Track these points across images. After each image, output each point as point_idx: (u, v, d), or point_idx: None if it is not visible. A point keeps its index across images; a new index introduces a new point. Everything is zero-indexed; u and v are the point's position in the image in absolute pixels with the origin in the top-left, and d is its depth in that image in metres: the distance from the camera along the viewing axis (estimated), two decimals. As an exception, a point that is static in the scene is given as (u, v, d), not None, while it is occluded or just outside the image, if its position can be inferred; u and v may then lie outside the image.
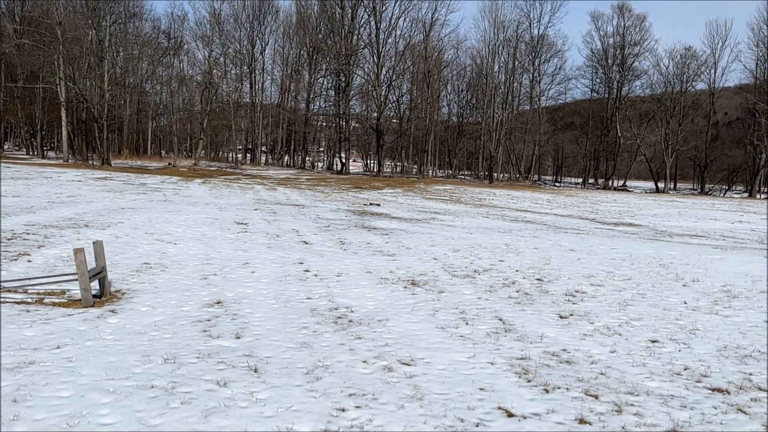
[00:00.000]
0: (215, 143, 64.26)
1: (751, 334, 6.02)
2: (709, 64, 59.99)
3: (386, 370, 4.58)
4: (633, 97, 61.51)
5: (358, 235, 12.58)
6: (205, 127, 51.96)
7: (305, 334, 5.38)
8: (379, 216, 17.57)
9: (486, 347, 5.25)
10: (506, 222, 18.11)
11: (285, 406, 3.82)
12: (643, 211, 26.67)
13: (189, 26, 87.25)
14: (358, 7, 54.38)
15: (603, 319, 6.41)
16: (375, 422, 3.65)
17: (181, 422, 3.53)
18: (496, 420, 3.77)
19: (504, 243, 12.32)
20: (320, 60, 58.75)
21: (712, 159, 60.85)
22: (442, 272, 8.68)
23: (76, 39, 38.86)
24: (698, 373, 4.79)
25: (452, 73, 61.56)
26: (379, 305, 6.60)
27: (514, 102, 59.42)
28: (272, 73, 64.49)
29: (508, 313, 6.51)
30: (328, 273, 8.24)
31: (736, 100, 61.99)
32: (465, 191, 35.83)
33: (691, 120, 60.84)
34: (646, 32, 60.58)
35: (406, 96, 58.86)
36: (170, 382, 4.12)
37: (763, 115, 53.29)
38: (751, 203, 40.05)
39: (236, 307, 6.23)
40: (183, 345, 4.94)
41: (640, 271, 9.45)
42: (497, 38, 57.10)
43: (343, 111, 54.05)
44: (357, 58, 55.10)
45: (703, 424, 3.84)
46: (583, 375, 4.64)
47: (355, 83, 55.51)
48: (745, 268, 10.29)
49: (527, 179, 59.62)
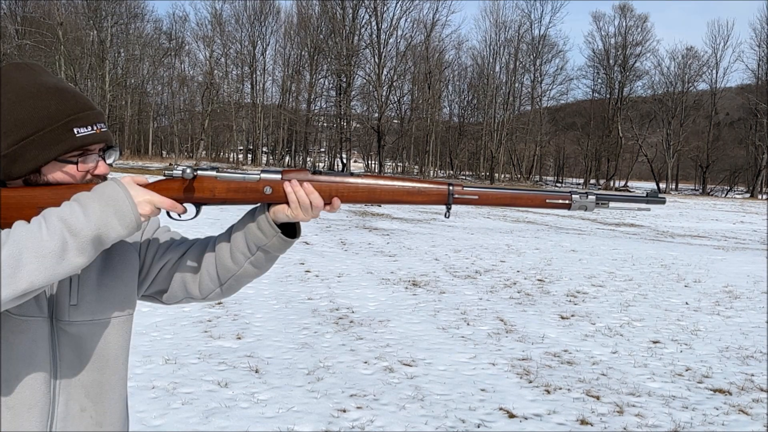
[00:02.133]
0: (216, 144, 64.28)
1: (752, 335, 6.02)
2: (711, 64, 59.96)
3: (387, 370, 4.57)
4: (634, 97, 61.45)
5: (359, 235, 12.59)
6: (206, 127, 52.03)
7: (306, 335, 5.38)
8: (380, 216, 17.58)
9: (487, 348, 5.25)
10: (507, 222, 18.11)
11: (286, 406, 3.82)
12: (645, 212, 26.61)
13: (190, 27, 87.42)
14: (359, 7, 54.40)
15: (604, 319, 6.40)
16: (376, 423, 3.65)
17: (182, 423, 3.53)
18: (498, 421, 3.77)
19: (505, 243, 12.32)
20: (321, 60, 58.77)
21: (714, 159, 60.75)
22: (444, 273, 8.68)
23: (78, 40, 38.95)
24: (700, 374, 4.78)
25: (453, 73, 61.57)
26: (381, 306, 6.60)
27: (516, 102, 59.43)
28: (273, 74, 64.60)
29: (510, 313, 6.50)
30: (329, 273, 8.23)
31: (738, 100, 61.86)
32: (466, 192, 35.77)
33: (693, 120, 60.79)
34: (647, 32, 60.57)
35: (407, 96, 58.90)
36: (171, 382, 4.12)
37: (765, 116, 53.24)
38: (753, 204, 40.01)
39: (237, 307, 6.23)
40: (184, 345, 4.94)
41: (641, 272, 9.44)
42: (498, 39, 57.16)
43: (344, 111, 54.06)
44: (358, 59, 55.13)
45: (704, 425, 3.83)
46: (584, 376, 4.64)
47: (356, 84, 55.55)
48: (747, 268, 10.27)
49: (529, 180, 59.61)
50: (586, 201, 1.24)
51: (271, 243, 1.21)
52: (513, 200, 1.25)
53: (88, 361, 1.18)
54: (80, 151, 1.13)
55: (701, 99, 61.63)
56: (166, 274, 1.31)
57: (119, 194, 1.04)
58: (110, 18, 42.26)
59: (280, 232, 1.20)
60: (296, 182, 1.16)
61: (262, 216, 1.20)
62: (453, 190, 1.21)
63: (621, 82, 60.50)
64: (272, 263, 1.29)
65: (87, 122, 1.13)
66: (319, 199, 1.16)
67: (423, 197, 1.21)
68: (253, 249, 1.23)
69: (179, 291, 1.32)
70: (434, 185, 1.22)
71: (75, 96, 1.14)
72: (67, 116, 1.11)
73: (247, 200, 1.19)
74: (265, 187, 1.17)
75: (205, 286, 1.30)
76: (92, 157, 1.16)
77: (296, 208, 1.16)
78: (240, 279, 1.29)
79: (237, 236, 1.24)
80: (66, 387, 1.16)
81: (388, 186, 1.21)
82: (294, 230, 1.25)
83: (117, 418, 1.25)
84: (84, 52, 39.12)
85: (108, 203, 1.03)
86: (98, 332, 1.19)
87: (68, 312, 1.15)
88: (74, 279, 1.16)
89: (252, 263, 1.25)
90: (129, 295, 1.25)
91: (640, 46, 60.26)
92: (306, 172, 1.19)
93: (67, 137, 1.10)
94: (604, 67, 62.35)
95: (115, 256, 1.24)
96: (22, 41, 40.27)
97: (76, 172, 1.13)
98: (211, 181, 1.17)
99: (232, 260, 1.25)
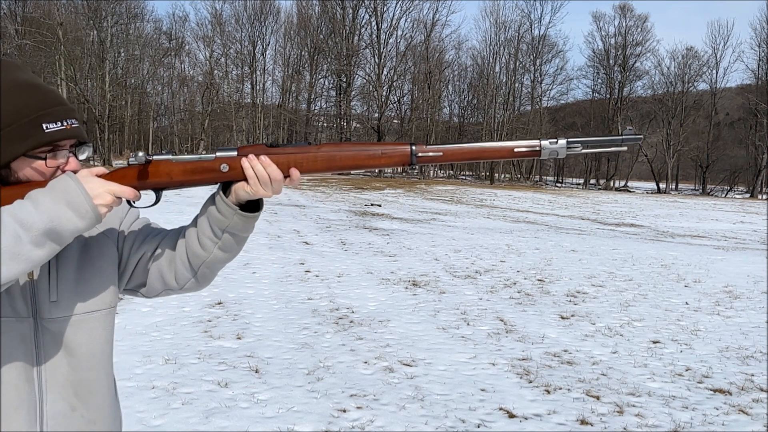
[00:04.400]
0: (216, 144, 64.21)
1: (752, 335, 6.02)
2: (711, 64, 59.94)
3: (387, 370, 4.57)
4: (635, 97, 61.44)
5: (359, 235, 12.59)
6: (206, 127, 52.03)
7: (306, 335, 5.38)
8: (380, 216, 17.57)
9: (487, 348, 5.25)
10: (507, 222, 18.10)
11: (286, 406, 3.82)
12: (645, 212, 26.65)
13: (190, 27, 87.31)
14: (359, 7, 54.40)
15: (604, 319, 6.40)
16: (376, 423, 3.65)
17: (183, 423, 3.53)
18: (498, 421, 3.77)
19: (505, 243, 12.32)
20: (321, 60, 58.78)
21: (714, 159, 60.73)
22: (444, 273, 8.68)
23: (78, 40, 38.95)
24: (700, 374, 4.79)
25: (453, 73, 61.52)
26: (380, 306, 6.60)
27: (516, 102, 59.42)
28: (273, 74, 64.65)
29: (510, 313, 6.51)
30: (329, 273, 8.24)
31: (738, 100, 61.85)
32: (466, 192, 35.83)
33: (693, 120, 60.76)
34: (647, 32, 60.51)
35: (407, 96, 58.87)
36: (171, 382, 4.13)
37: (765, 116, 53.22)
38: (753, 204, 40.01)
39: (237, 307, 6.23)
40: (184, 345, 4.94)
41: (641, 272, 9.44)
42: (498, 39, 57.12)
43: (344, 111, 54.09)
44: (358, 59, 55.13)
45: (704, 425, 3.83)
46: (584, 376, 4.64)
47: (356, 84, 55.56)
48: (747, 268, 10.27)
49: (529, 180, 59.62)
50: (557, 146, 1.21)
51: (233, 223, 1.20)
52: (480, 153, 1.22)
53: (73, 358, 1.18)
54: (50, 147, 1.12)
55: (701, 99, 61.60)
56: (143, 266, 1.30)
57: (69, 185, 1.03)
58: (110, 18, 42.25)
59: (239, 210, 1.19)
60: (252, 157, 1.14)
61: (218, 197, 1.19)
62: (415, 150, 1.19)
63: (621, 82, 60.48)
64: (242, 245, 1.27)
65: (57, 118, 1.12)
66: (276, 171, 1.15)
67: (386, 159, 1.19)
68: (218, 233, 1.22)
69: (157, 282, 1.31)
70: (396, 146, 1.20)
71: (46, 92, 1.13)
72: (36, 112, 1.10)
73: (205, 180, 1.18)
74: (222, 165, 1.16)
75: (180, 275, 1.29)
76: (62, 153, 1.15)
77: (255, 184, 1.14)
78: (212, 265, 1.27)
79: (201, 221, 1.23)
80: (53, 386, 1.16)
81: (349, 152, 1.19)
82: (258, 206, 1.23)
83: (108, 414, 1.25)
84: (84, 52, 39.11)
85: (59, 195, 1.01)
86: (81, 328, 1.19)
87: (49, 309, 1.15)
88: (53, 275, 1.17)
89: (220, 248, 1.24)
90: (109, 289, 1.25)
91: (640, 46, 60.27)
92: (262, 146, 1.17)
93: (35, 133, 1.09)
94: (604, 67, 62.34)
95: (93, 250, 1.24)
96: (22, 41, 40.25)
97: (45, 168, 1.13)
98: (167, 165, 1.16)
99: (201, 246, 1.24)
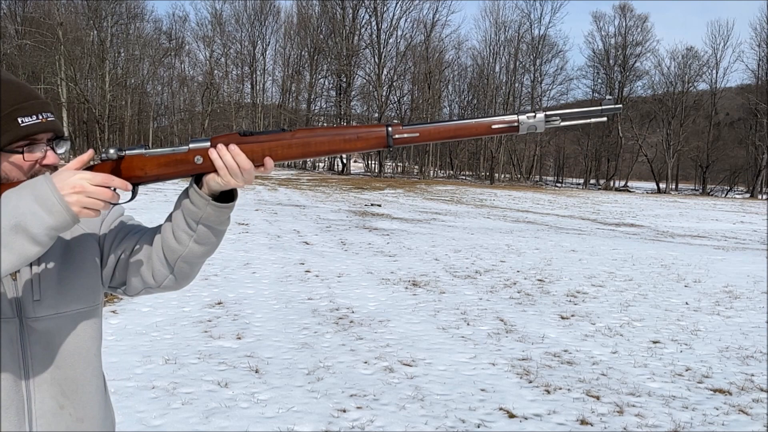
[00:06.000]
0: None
1: (752, 335, 6.02)
2: (711, 64, 59.96)
3: (387, 370, 4.58)
4: (635, 97, 61.44)
5: (359, 235, 12.59)
6: (206, 127, 52.02)
7: (306, 335, 5.38)
8: (380, 216, 17.57)
9: (487, 348, 5.25)
10: (507, 222, 18.10)
11: (286, 406, 3.82)
12: (645, 212, 26.65)
13: (190, 27, 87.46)
14: (359, 7, 54.43)
15: (604, 319, 6.40)
16: (376, 423, 3.65)
17: (183, 423, 3.53)
18: (498, 421, 3.77)
19: (505, 243, 12.32)
20: (321, 60, 58.80)
21: (714, 159, 60.74)
22: (444, 273, 8.68)
23: (78, 40, 38.96)
24: (700, 374, 4.79)
25: (453, 73, 61.59)
26: (380, 306, 6.60)
27: (516, 102, 59.40)
28: (273, 74, 64.66)
29: (510, 313, 6.51)
30: (329, 273, 8.24)
31: (738, 100, 61.86)
32: (466, 192, 35.83)
33: (693, 120, 60.79)
34: (647, 32, 60.57)
35: (407, 96, 58.90)
36: (171, 382, 4.13)
37: (765, 116, 53.24)
38: (753, 204, 40.01)
39: (237, 307, 6.23)
40: (184, 345, 4.94)
41: (641, 272, 9.44)
42: (498, 39, 57.21)
43: (344, 111, 54.08)
44: (358, 59, 55.17)
45: (704, 425, 3.83)
46: (584, 376, 4.64)
47: (356, 84, 55.60)
48: (747, 268, 10.27)
49: (528, 180, 59.61)
50: (535, 120, 1.16)
51: (206, 214, 1.18)
52: (457, 132, 1.19)
53: (59, 356, 1.18)
54: (27, 141, 1.12)
55: (701, 99, 61.61)
56: (123, 263, 1.30)
57: (38, 182, 1.01)
58: (110, 18, 42.27)
59: (212, 201, 1.18)
60: (222, 146, 1.13)
61: (191, 189, 1.19)
62: (391, 131, 1.17)
63: (621, 82, 60.50)
64: (220, 238, 1.26)
65: (32, 111, 1.12)
66: (245, 161, 1.12)
67: (362, 143, 1.17)
68: (192, 225, 1.21)
69: (136, 280, 1.30)
70: (372, 128, 1.18)
71: (20, 87, 1.14)
72: (11, 106, 1.10)
73: (180, 173, 1.17)
74: (196, 157, 1.14)
75: (157, 272, 1.28)
76: (40, 147, 1.14)
77: (225, 174, 1.12)
78: (188, 260, 1.26)
79: (176, 215, 1.22)
80: (40, 385, 1.16)
81: (324, 136, 1.17)
82: (232, 196, 1.22)
83: (97, 411, 1.25)
84: (84, 52, 39.14)
85: (26, 192, 1.01)
86: (66, 326, 1.19)
87: (33, 308, 1.16)
88: (35, 275, 1.17)
89: (196, 241, 1.22)
90: (93, 286, 1.25)
91: (640, 46, 60.31)
92: (236, 135, 1.15)
93: (10, 127, 1.10)
94: (604, 67, 62.36)
95: (75, 247, 1.24)
96: (22, 41, 40.26)
97: (23, 163, 1.13)
98: (140, 159, 1.15)
99: (176, 240, 1.23)
